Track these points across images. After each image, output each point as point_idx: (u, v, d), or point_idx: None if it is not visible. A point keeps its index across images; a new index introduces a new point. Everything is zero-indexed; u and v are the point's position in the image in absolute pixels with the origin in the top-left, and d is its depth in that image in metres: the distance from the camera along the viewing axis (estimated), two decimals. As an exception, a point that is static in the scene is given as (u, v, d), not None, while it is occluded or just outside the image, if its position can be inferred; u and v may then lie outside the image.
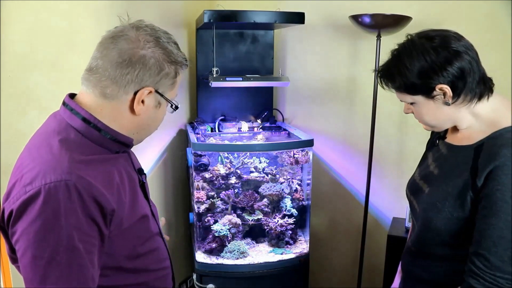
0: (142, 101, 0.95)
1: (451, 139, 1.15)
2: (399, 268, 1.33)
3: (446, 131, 1.19)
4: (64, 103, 0.97)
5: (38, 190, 0.82)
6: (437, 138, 1.22)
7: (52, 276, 0.82)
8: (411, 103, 1.10)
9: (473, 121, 1.07)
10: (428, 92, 1.04)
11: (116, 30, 0.96)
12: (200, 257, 2.19)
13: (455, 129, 1.13)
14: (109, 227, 0.89)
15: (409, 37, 1.07)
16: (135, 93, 0.94)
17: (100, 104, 0.95)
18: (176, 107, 1.03)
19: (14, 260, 0.92)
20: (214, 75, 2.18)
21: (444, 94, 1.03)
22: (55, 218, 0.81)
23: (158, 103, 0.99)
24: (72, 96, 0.99)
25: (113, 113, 0.95)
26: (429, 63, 1.01)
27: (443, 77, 1.01)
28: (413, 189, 1.21)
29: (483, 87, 1.04)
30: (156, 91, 0.96)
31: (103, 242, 0.89)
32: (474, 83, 1.02)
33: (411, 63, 1.03)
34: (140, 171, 1.10)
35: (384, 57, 1.13)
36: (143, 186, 1.08)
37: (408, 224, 2.25)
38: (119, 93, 0.93)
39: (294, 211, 2.24)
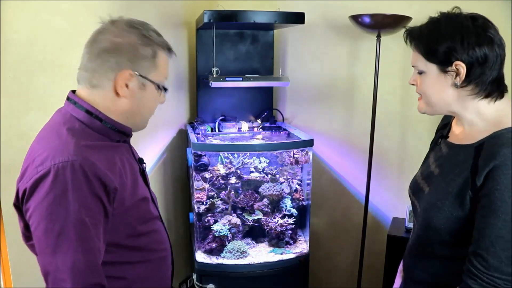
0: (127, 85, 1.02)
1: (453, 139, 1.14)
2: (400, 268, 1.33)
3: (448, 130, 1.18)
4: (68, 98, 1.05)
5: (48, 169, 0.91)
6: (439, 137, 1.21)
7: (62, 246, 0.90)
8: (420, 72, 1.08)
9: (475, 119, 1.06)
10: (444, 63, 1.02)
11: (97, 29, 1.05)
12: (200, 257, 2.19)
13: (457, 129, 1.13)
14: (113, 205, 0.97)
15: (456, 10, 1.06)
16: (117, 77, 1.02)
17: (93, 95, 1.03)
18: (164, 88, 1.09)
19: (27, 238, 1.01)
20: (214, 75, 2.18)
21: (457, 73, 1.02)
22: (63, 194, 0.90)
23: (142, 85, 1.04)
24: (74, 92, 1.07)
25: (105, 101, 1.03)
26: (462, 36, 1.00)
27: (466, 55, 1.00)
28: (415, 189, 1.21)
29: (495, 88, 1.03)
30: (137, 73, 1.02)
31: (107, 218, 0.96)
32: (489, 78, 1.01)
33: (446, 30, 1.02)
34: (141, 161, 1.18)
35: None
36: (144, 174, 1.17)
37: (408, 224, 2.25)
38: (103, 81, 1.02)
39: (294, 211, 2.24)
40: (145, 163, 1.20)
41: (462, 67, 1.00)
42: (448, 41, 1.01)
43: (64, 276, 0.89)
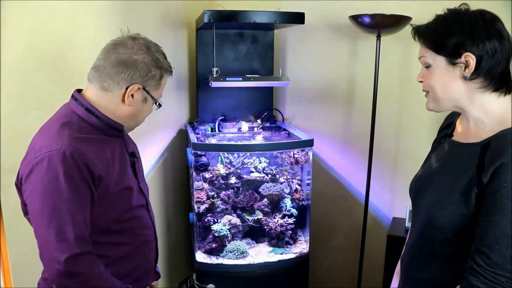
0: (132, 95, 1.20)
1: (457, 137, 1.14)
2: (397, 269, 1.33)
3: (453, 130, 1.18)
4: (72, 96, 1.22)
5: (44, 155, 1.07)
6: (443, 136, 1.21)
7: (54, 221, 1.06)
8: (427, 66, 1.08)
9: (481, 115, 1.06)
10: (453, 55, 1.02)
11: (118, 39, 1.21)
12: (200, 257, 2.19)
13: (462, 128, 1.13)
14: (98, 190, 1.13)
15: (463, 6, 1.06)
16: (127, 88, 1.19)
17: (100, 95, 1.20)
18: (160, 105, 1.28)
19: (25, 212, 1.17)
20: (214, 75, 2.18)
21: (467, 66, 1.01)
22: (56, 177, 1.06)
23: (144, 98, 1.23)
24: (79, 91, 1.24)
25: (110, 103, 1.20)
26: (471, 29, 1.00)
27: (476, 48, 1.00)
28: (416, 188, 1.20)
29: (503, 82, 1.03)
30: (144, 89, 1.21)
31: (93, 200, 1.12)
32: (497, 71, 1.01)
33: (454, 24, 1.02)
34: (133, 155, 1.34)
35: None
36: (134, 167, 1.32)
37: (408, 224, 2.25)
38: (114, 87, 1.19)
39: (294, 211, 2.24)
40: (137, 157, 1.36)
41: (472, 59, 1.00)
42: (457, 35, 1.01)
43: (57, 246, 1.05)
